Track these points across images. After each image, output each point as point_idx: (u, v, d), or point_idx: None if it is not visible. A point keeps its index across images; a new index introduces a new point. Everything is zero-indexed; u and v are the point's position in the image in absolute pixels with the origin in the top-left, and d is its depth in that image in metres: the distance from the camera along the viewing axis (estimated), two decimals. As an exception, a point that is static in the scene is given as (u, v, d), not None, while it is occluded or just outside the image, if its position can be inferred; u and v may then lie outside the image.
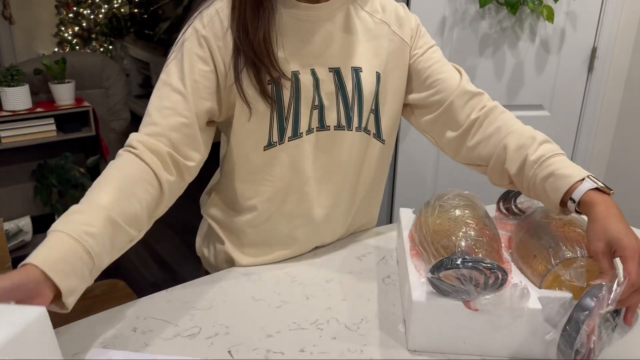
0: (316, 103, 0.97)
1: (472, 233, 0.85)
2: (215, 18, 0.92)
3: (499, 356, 0.82)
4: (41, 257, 0.67)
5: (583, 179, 0.84)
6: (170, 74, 0.91)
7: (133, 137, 0.87)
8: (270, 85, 0.93)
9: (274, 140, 0.97)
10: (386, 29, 1.03)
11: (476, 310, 0.78)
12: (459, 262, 0.75)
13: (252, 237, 1.05)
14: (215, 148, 1.02)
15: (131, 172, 0.83)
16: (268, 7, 0.91)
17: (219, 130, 1.04)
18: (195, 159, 0.92)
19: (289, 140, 0.97)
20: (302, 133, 0.98)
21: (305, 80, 0.95)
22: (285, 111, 0.95)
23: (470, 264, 0.75)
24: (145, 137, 0.87)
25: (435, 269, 0.77)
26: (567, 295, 0.78)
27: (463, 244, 0.83)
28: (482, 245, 0.83)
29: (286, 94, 0.94)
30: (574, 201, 0.84)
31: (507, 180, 0.97)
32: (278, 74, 0.92)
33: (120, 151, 0.87)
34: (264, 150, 0.97)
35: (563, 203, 0.86)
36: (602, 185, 0.83)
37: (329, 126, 0.99)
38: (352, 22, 1.00)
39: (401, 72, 1.04)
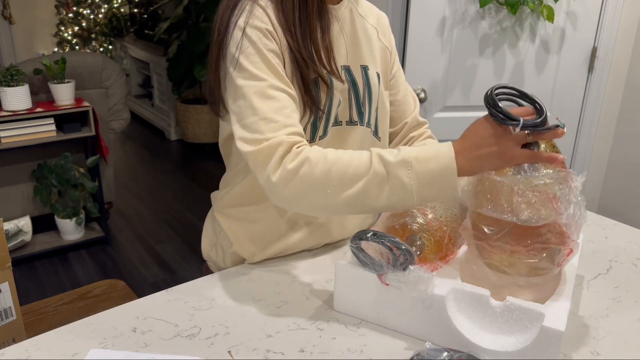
0: (339, 101, 1.00)
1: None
2: (264, 15, 0.91)
3: (410, 335, 0.85)
4: None
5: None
6: (259, 78, 0.89)
7: (285, 139, 0.85)
8: (313, 86, 0.94)
9: (307, 139, 0.97)
10: (375, 34, 1.08)
11: (387, 285, 0.83)
12: (369, 235, 0.81)
13: (264, 227, 1.04)
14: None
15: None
16: (324, 10, 0.94)
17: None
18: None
19: (319, 139, 0.99)
20: (328, 131, 0.99)
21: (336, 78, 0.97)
22: (321, 110, 0.96)
23: (377, 239, 0.80)
24: (289, 137, 0.86)
25: (354, 238, 0.83)
26: (484, 292, 0.79)
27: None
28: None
29: (323, 94, 0.96)
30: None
31: None
32: (329, 73, 0.95)
33: (295, 150, 0.85)
34: None
35: None
36: None
37: (341, 121, 1.02)
38: (355, 22, 1.03)
39: (387, 78, 1.10)
